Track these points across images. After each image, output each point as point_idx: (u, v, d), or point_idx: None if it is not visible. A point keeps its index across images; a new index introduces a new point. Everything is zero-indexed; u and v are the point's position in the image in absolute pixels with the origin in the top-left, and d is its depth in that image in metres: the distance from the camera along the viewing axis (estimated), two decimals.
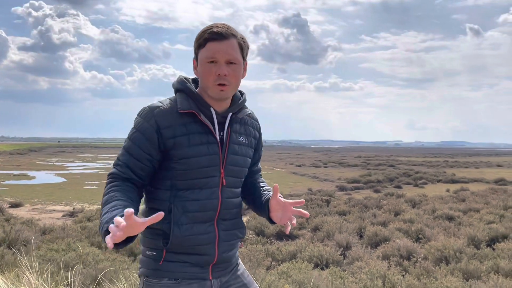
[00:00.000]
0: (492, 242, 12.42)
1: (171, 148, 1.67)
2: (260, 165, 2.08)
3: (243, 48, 1.74)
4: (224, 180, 1.74)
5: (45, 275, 3.63)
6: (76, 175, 42.62)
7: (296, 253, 11.06)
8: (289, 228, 1.75)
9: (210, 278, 1.76)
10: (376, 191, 30.58)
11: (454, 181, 37.53)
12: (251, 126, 1.91)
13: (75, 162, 67.66)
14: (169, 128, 1.66)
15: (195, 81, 1.82)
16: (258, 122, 1.97)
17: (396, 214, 17.84)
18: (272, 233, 15.03)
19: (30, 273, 3.43)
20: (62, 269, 4.09)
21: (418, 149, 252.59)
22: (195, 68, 1.77)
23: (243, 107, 1.85)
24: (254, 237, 14.53)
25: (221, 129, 1.76)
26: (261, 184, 1.98)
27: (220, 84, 1.68)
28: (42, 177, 39.90)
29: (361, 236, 14.05)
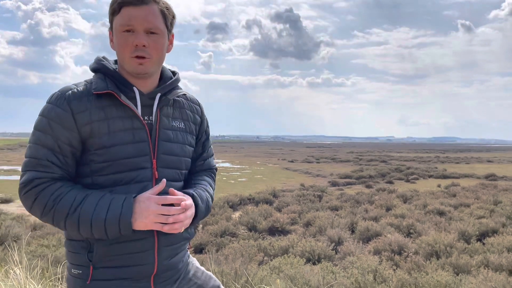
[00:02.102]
0: (482, 236, 12.55)
1: (88, 136, 1.39)
2: (212, 162, 1.76)
3: (166, 16, 1.47)
4: (156, 172, 1.46)
5: (34, 271, 3.59)
6: None
7: (288, 248, 11.08)
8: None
9: None
10: (368, 186, 30.71)
11: (445, 177, 37.82)
12: (189, 110, 1.63)
13: None
14: (84, 113, 1.38)
15: (117, 63, 1.56)
16: (199, 106, 1.69)
17: (388, 209, 17.95)
18: (264, 229, 15.05)
19: (19, 269, 3.39)
20: (50, 265, 4.05)
21: (410, 145, 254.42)
22: (111, 40, 1.49)
23: (175, 87, 1.58)
24: (246, 232, 14.54)
25: (149, 112, 1.49)
26: (199, 181, 1.64)
27: (138, 57, 1.41)
28: None
29: (353, 231, 14.11)
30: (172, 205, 1.41)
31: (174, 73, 1.63)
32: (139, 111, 1.46)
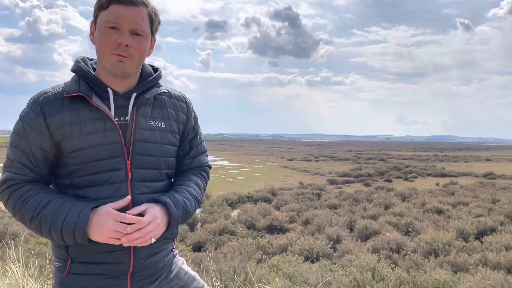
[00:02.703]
0: (480, 235, 12.58)
1: (61, 140, 1.41)
2: (203, 160, 1.72)
3: (153, 21, 1.48)
4: (130, 173, 1.44)
5: (32, 268, 3.58)
6: None
7: (287, 246, 11.09)
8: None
9: None
10: (367, 185, 30.76)
11: (443, 175, 37.89)
12: (171, 108, 1.59)
13: None
14: (56, 117, 1.40)
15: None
16: (185, 102, 1.64)
17: (386, 207, 17.97)
18: (263, 227, 15.06)
19: (16, 267, 3.38)
20: (48, 263, 4.04)
21: (409, 143, 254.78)
22: (91, 33, 1.48)
23: (154, 85, 1.55)
24: (245, 230, 14.55)
25: (125, 113, 1.47)
26: (181, 181, 1.61)
27: (118, 55, 1.41)
28: None
29: (351, 229, 14.13)
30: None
31: (155, 70, 1.60)
32: (112, 112, 1.44)
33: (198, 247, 12.49)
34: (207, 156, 1.76)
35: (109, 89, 1.45)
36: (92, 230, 1.35)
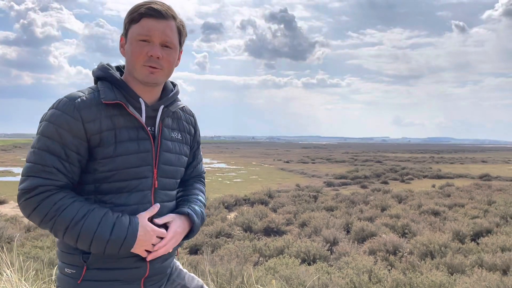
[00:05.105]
0: (476, 236, 12.60)
1: (96, 145, 1.41)
2: (201, 168, 1.83)
3: (181, 33, 1.55)
4: (156, 182, 1.51)
5: (28, 272, 3.57)
6: None
7: (284, 249, 11.08)
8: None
9: None
10: (363, 186, 30.77)
11: (439, 177, 37.96)
12: (185, 121, 1.69)
13: None
14: (94, 122, 1.40)
15: (119, 69, 1.60)
16: (193, 117, 1.76)
17: (383, 209, 17.98)
18: (259, 229, 15.04)
19: (11, 271, 3.36)
20: (44, 267, 4.02)
21: (405, 145, 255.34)
22: (122, 46, 1.54)
23: (175, 99, 1.63)
24: (241, 233, 14.52)
25: (152, 123, 1.53)
26: (191, 191, 1.72)
27: (150, 66, 1.46)
28: None
29: (348, 232, 14.13)
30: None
31: (174, 84, 1.67)
32: (143, 121, 1.51)
33: (194, 250, 12.45)
34: (203, 164, 1.87)
35: (141, 100, 1.50)
36: (137, 244, 1.42)
